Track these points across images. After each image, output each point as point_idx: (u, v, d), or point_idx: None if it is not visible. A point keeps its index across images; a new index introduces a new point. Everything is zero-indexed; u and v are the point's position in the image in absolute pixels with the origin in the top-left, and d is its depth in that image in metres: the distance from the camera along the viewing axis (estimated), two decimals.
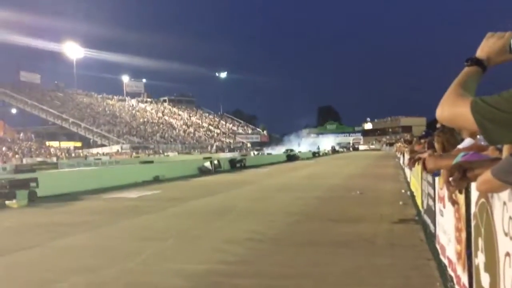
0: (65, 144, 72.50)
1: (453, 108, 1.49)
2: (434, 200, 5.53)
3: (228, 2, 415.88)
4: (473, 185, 2.37)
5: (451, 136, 4.58)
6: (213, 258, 5.94)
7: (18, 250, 6.75)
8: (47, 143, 67.85)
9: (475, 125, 1.40)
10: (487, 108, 1.37)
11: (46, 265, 5.87)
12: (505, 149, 1.86)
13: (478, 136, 4.07)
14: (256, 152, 66.12)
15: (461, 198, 3.09)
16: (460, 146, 4.00)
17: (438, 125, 6.12)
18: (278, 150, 64.63)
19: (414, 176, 10.70)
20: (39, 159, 46.11)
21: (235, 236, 7.38)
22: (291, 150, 58.12)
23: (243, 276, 5.11)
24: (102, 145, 73.10)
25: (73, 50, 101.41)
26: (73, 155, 57.95)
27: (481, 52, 1.62)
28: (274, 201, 12.09)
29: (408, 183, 14.27)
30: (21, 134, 65.76)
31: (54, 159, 45.33)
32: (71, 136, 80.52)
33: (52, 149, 60.87)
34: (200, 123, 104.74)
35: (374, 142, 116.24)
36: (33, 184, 13.34)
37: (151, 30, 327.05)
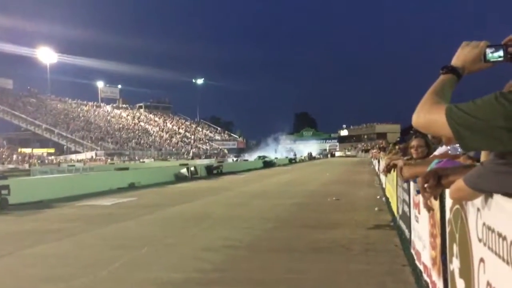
0: (38, 151, 71.01)
1: (429, 115, 1.50)
2: (409, 206, 5.58)
3: (204, 9, 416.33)
4: (448, 192, 2.39)
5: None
6: (189, 266, 5.87)
7: None
8: (20, 149, 66.37)
9: (450, 132, 1.41)
10: (462, 115, 1.38)
11: (16, 274, 5.71)
12: (483, 156, 1.88)
13: (447, 147, 4.12)
14: (234, 159, 65.85)
15: (435, 204, 3.12)
16: (436, 153, 4.05)
17: (411, 132, 6.21)
18: (255, 157, 64.39)
19: (389, 182, 10.81)
20: (11, 166, 45.10)
21: (211, 243, 7.32)
22: (264, 157, 56.56)
23: (220, 284, 5.06)
24: (76, 152, 71.94)
25: (47, 55, 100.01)
26: (46, 161, 56.83)
27: (457, 60, 1.64)
28: (250, 208, 12.05)
29: (383, 189, 14.41)
30: None
31: (27, 166, 44.38)
32: (44, 143, 78.95)
33: (25, 156, 59.56)
34: (177, 130, 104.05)
35: (350, 148, 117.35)
36: (4, 192, 12.99)
37: (126, 35, 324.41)
